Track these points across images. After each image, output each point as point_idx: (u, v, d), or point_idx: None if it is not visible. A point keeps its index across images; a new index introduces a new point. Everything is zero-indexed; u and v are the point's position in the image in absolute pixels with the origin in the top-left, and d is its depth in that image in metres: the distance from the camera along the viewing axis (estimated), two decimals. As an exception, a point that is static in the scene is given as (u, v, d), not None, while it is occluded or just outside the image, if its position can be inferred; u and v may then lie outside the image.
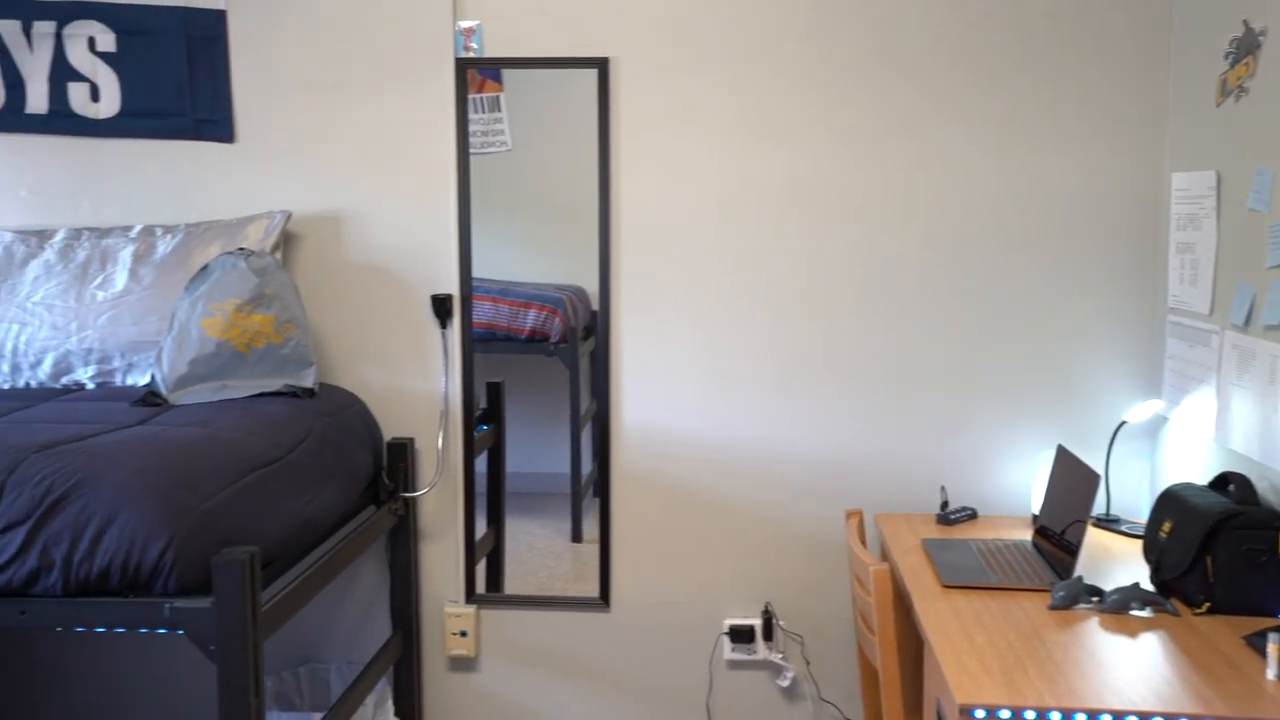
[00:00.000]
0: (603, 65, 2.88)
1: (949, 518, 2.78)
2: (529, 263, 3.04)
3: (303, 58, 2.95)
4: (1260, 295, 2.29)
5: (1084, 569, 2.34)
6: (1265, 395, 2.25)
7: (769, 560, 2.99)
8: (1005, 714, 1.76)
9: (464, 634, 3.05)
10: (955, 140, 2.84)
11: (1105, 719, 1.74)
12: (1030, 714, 1.76)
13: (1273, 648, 1.87)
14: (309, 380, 2.71)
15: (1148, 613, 2.15)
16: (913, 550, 2.56)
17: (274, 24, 2.95)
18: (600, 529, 3.03)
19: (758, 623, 2.99)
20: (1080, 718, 1.75)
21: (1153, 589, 2.22)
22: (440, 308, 2.96)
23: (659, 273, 2.94)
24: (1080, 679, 1.86)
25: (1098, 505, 2.74)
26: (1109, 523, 2.75)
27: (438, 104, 2.93)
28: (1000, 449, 2.90)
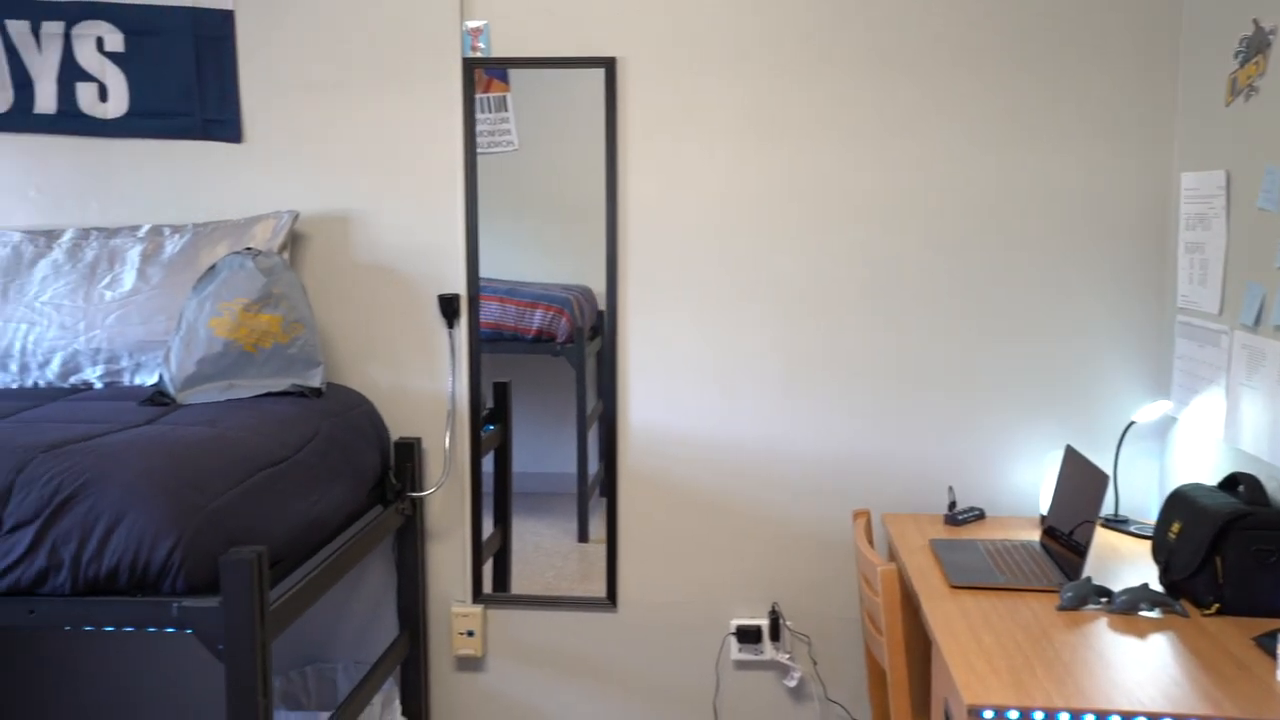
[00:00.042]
0: (610, 65, 2.88)
1: (957, 518, 2.77)
2: (535, 263, 3.04)
3: (310, 58, 2.96)
4: (1270, 295, 2.28)
5: (1092, 570, 2.34)
6: (1275, 395, 2.25)
7: (776, 560, 2.99)
8: (1013, 715, 1.76)
9: (471, 634, 3.05)
10: (961, 139, 2.83)
11: (1114, 720, 1.74)
12: (1039, 715, 1.75)
13: (1283, 649, 1.87)
14: (316, 380, 2.71)
15: (1157, 614, 2.14)
16: (920, 550, 2.56)
17: (281, 24, 2.95)
18: (607, 529, 3.03)
19: (764, 623, 2.98)
20: (1089, 719, 1.74)
21: (1161, 590, 2.22)
22: (447, 308, 2.96)
23: (666, 272, 2.93)
24: (1089, 680, 1.85)
25: (1106, 506, 2.74)
26: (1118, 523, 2.74)
27: (445, 104, 2.93)
28: (1008, 449, 2.89)
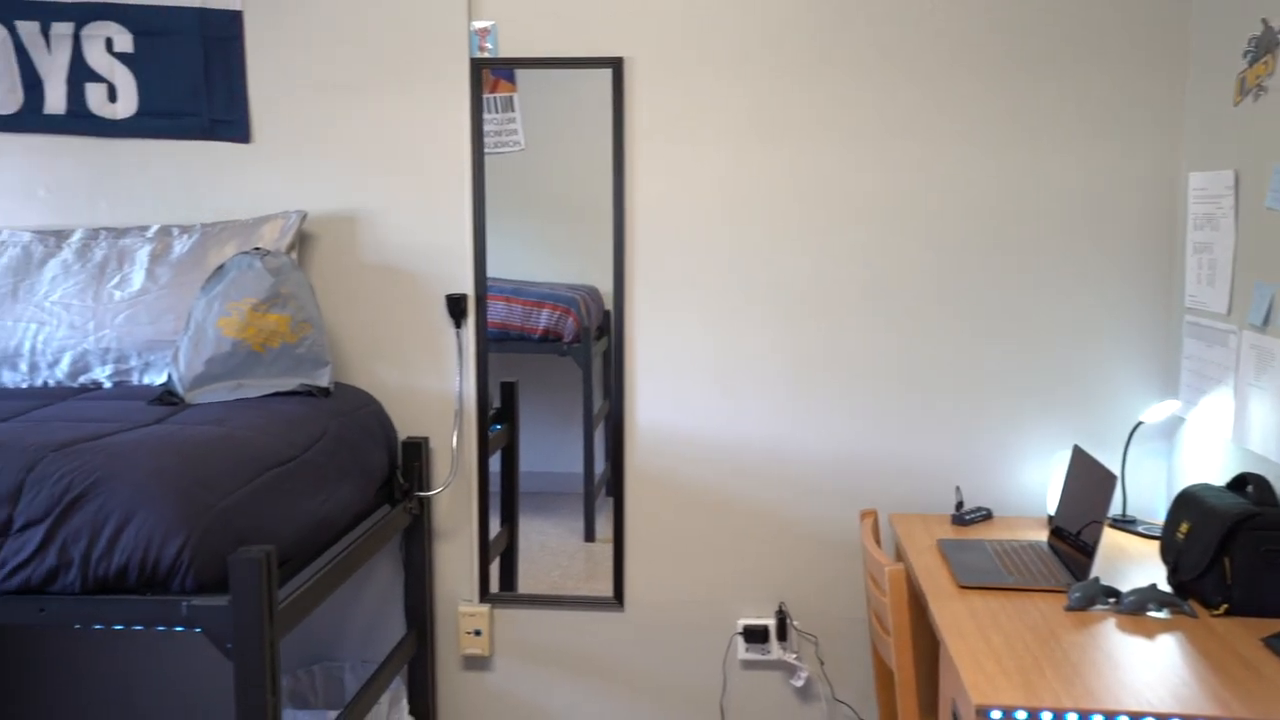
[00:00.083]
0: (617, 65, 2.88)
1: (964, 518, 2.77)
2: (543, 262, 3.04)
3: (317, 58, 2.96)
4: (1278, 295, 2.28)
5: (1100, 570, 2.34)
6: (1283, 396, 2.24)
7: (783, 560, 2.99)
8: (1022, 715, 1.76)
9: (478, 633, 3.05)
10: (966, 140, 2.82)
11: (1122, 720, 1.74)
12: (1047, 715, 1.75)
13: (1291, 649, 1.87)
14: (324, 380, 2.72)
15: (1165, 614, 2.14)
16: (928, 550, 2.56)
17: (289, 24, 2.96)
18: (614, 528, 3.03)
19: (772, 623, 2.98)
20: (1097, 719, 1.74)
21: (1170, 590, 2.22)
22: (455, 307, 2.97)
23: (673, 272, 2.94)
24: (1097, 680, 1.85)
25: (1114, 506, 2.73)
26: (1126, 523, 2.74)
27: (452, 104, 2.93)
28: (1016, 449, 2.89)
